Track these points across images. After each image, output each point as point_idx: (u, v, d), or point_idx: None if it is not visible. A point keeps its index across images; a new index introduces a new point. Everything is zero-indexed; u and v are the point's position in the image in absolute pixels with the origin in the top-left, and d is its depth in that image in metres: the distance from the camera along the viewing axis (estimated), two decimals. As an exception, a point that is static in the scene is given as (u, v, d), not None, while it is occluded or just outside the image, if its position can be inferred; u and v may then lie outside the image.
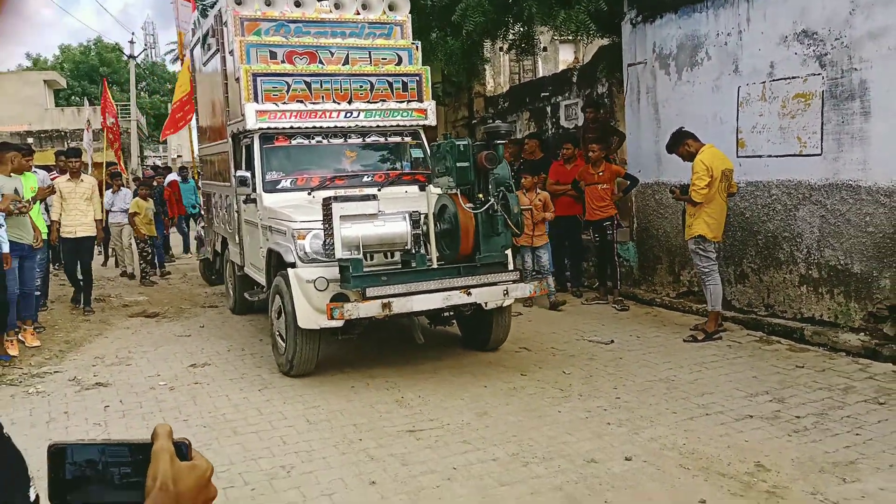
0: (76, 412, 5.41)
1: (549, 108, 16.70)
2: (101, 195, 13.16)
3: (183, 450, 0.99)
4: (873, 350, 5.97)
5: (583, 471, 4.07)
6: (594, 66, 11.35)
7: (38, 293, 7.98)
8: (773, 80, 6.93)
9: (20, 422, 5.17)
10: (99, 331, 8.18)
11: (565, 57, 25.14)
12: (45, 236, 8.01)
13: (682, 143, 6.84)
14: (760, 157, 7.13)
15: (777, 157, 6.94)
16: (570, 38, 14.00)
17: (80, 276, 9.15)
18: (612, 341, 6.84)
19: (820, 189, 6.54)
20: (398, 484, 4.00)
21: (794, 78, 6.72)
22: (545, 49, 22.14)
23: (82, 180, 9.00)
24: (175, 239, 15.68)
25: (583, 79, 11.83)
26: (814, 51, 6.50)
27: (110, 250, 13.48)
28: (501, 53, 16.68)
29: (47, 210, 9.33)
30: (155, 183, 14.14)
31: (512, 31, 12.06)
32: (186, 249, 15.69)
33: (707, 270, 6.76)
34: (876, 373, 5.58)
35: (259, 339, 7.42)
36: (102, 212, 9.78)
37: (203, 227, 10.50)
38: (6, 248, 6.72)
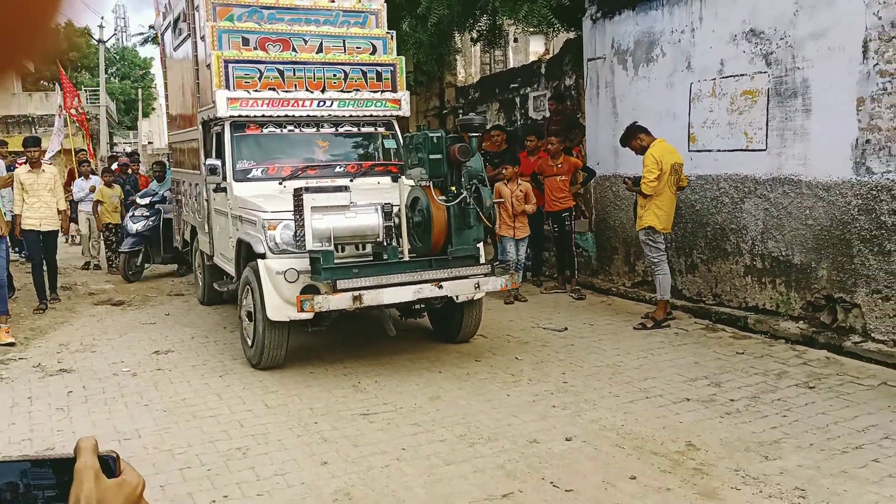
0: (39, 397, 5.52)
1: (518, 100, 16.93)
2: (70, 182, 13.14)
3: (111, 465, 0.89)
4: (810, 337, 6.27)
5: (525, 450, 4.30)
6: (561, 58, 11.56)
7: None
8: (723, 78, 7.19)
9: (-17, 407, 5.28)
10: (64, 318, 8.26)
11: (536, 48, 25.29)
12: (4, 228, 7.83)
13: (635, 138, 7.08)
14: (710, 151, 7.39)
15: (725, 151, 7.21)
16: (536, 31, 14.17)
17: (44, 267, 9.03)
18: (566, 329, 7.08)
19: (764, 183, 6.82)
20: (348, 464, 4.19)
21: (742, 75, 6.98)
22: (516, 40, 22.33)
23: (43, 170, 8.68)
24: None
25: (551, 71, 12.01)
26: (761, 49, 6.76)
27: (77, 238, 13.41)
28: (472, 44, 16.84)
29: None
30: (130, 171, 13.85)
31: (479, 24, 12.23)
32: None
33: (656, 261, 7.02)
34: (810, 359, 5.88)
35: (223, 328, 7.56)
36: (67, 202, 9.61)
37: (132, 217, 10.29)
38: None
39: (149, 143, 56.91)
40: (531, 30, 14.25)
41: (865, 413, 4.69)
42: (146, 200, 10.46)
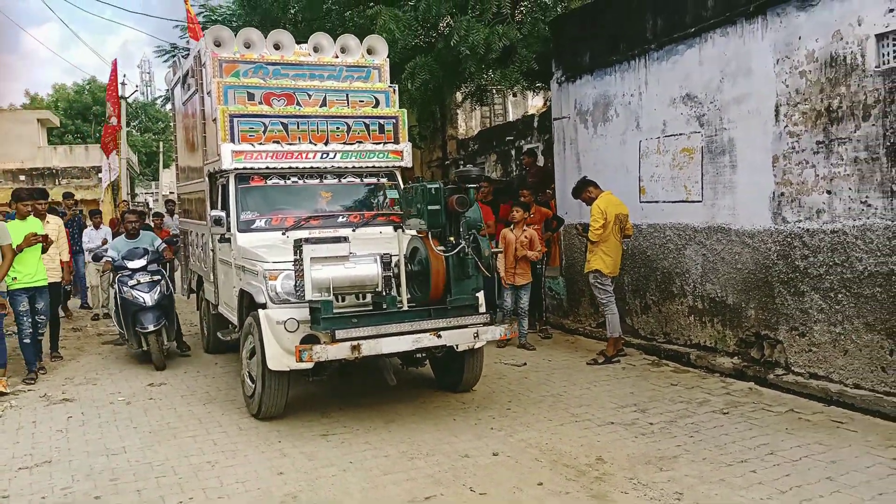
0: (42, 421, 6.24)
1: (513, 151, 17.83)
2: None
3: None
4: (741, 371, 6.88)
5: (455, 463, 4.94)
6: (549, 114, 12.41)
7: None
8: (666, 136, 7.94)
9: (-7, 429, 6.00)
10: (72, 356, 9.00)
11: (535, 102, 26.22)
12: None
13: (584, 190, 7.82)
14: (657, 202, 8.10)
15: (669, 202, 7.92)
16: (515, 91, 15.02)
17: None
18: (525, 364, 7.73)
19: (702, 231, 7.50)
20: (301, 474, 4.85)
21: (680, 134, 7.72)
22: (515, 94, 23.32)
23: (48, 222, 8.60)
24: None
25: (542, 124, 12.80)
26: (695, 112, 7.52)
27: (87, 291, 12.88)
28: (460, 103, 17.81)
29: None
30: (152, 223, 13.00)
31: (465, 86, 13.13)
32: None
33: (605, 301, 7.69)
34: (734, 390, 6.49)
35: (215, 363, 8.26)
36: (69, 254, 9.30)
37: (135, 286, 8.28)
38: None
39: (170, 192, 58.51)
40: (512, 90, 15.09)
41: (763, 434, 5.29)
42: (139, 263, 8.39)
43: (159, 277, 8.42)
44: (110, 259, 8.55)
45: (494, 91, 16.20)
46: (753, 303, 6.92)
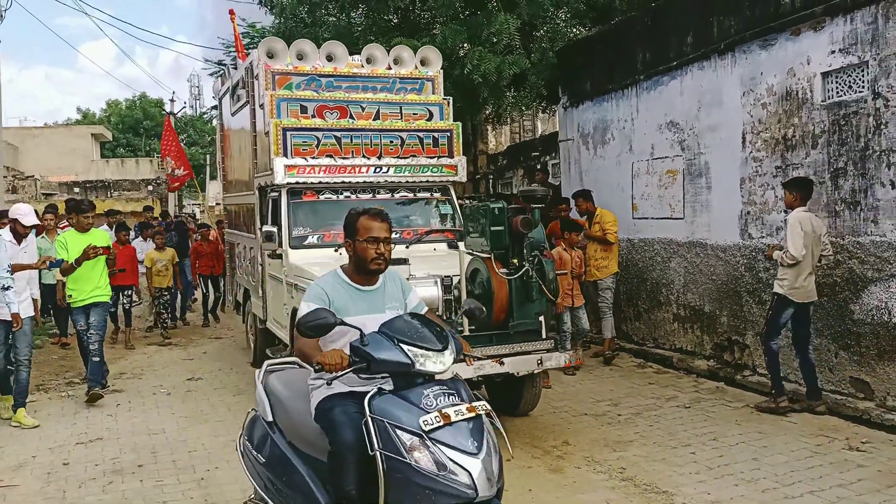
0: (96, 407, 7.23)
1: (538, 166, 18.64)
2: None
3: None
4: (714, 372, 7.59)
5: (440, 444, 5.77)
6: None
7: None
8: (654, 159, 8.69)
9: (55, 414, 7.01)
10: (121, 355, 10.05)
11: (563, 118, 26.62)
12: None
13: (580, 200, 8.63)
14: (647, 219, 8.85)
15: (657, 219, 8.66)
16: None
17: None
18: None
19: (683, 245, 8.23)
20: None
21: (666, 157, 8.47)
22: (543, 111, 24.17)
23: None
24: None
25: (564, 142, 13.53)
26: (677, 137, 8.26)
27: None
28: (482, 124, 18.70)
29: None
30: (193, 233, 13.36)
31: (484, 108, 13.99)
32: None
33: (611, 304, 8.46)
34: (703, 388, 7.21)
35: (247, 362, 9.21)
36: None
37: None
38: (15, 309, 6.34)
39: (216, 203, 60.47)
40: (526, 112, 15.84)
41: (713, 425, 6.02)
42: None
43: None
44: None
45: (514, 112, 17.02)
46: (726, 310, 7.62)
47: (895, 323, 5.81)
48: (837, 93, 6.33)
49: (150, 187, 41.11)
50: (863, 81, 6.07)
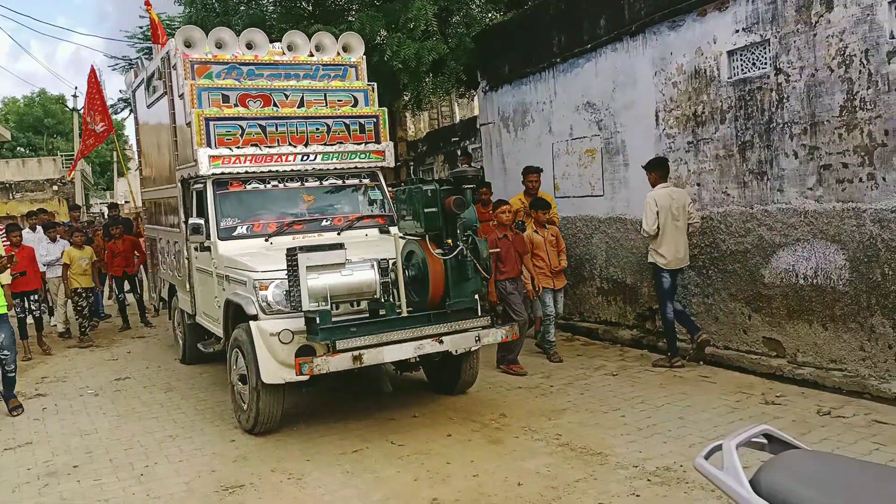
0: (21, 413, 7.00)
1: (458, 152, 18.82)
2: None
3: None
4: (638, 341, 7.93)
5: (381, 425, 5.86)
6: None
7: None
8: (573, 139, 8.96)
9: (-25, 421, 6.75)
10: (42, 360, 9.69)
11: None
12: None
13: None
14: (569, 197, 9.12)
15: (578, 197, 8.94)
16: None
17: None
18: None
19: (604, 221, 8.53)
20: (249, 439, 5.74)
21: (584, 137, 8.75)
22: (462, 96, 24.38)
23: None
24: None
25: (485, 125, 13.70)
26: (594, 117, 8.54)
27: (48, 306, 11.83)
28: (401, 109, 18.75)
29: None
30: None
31: (404, 95, 14.05)
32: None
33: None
34: (628, 356, 7.54)
35: (174, 359, 9.04)
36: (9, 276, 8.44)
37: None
38: None
39: (125, 202, 58.42)
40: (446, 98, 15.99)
41: (640, 390, 6.32)
42: None
43: None
44: None
45: (434, 98, 17.16)
46: (646, 282, 7.96)
47: (801, 284, 6.22)
48: (742, 70, 6.69)
49: (55, 187, 39.49)
50: (765, 58, 6.44)
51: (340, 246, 5.31)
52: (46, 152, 49.71)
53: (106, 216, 16.25)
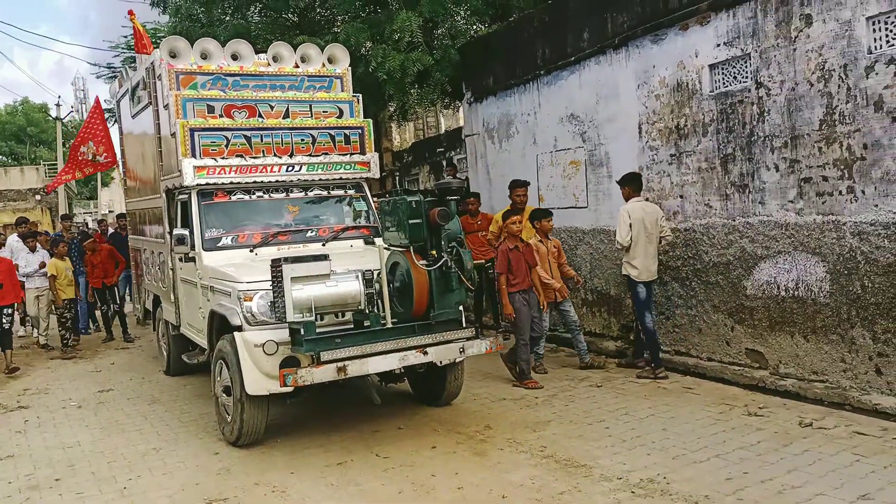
0: (2, 426, 6.93)
1: (444, 162, 18.88)
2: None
3: None
4: (622, 352, 7.96)
5: (366, 437, 5.85)
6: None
7: None
8: (557, 151, 9.02)
9: (-45, 434, 6.68)
10: (23, 371, 9.61)
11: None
12: None
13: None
14: (553, 208, 9.15)
15: (563, 208, 8.99)
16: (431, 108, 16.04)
17: None
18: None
19: (589, 233, 8.59)
20: (232, 451, 5.71)
21: (568, 149, 8.81)
22: (447, 107, 24.48)
23: None
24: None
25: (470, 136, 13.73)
26: (578, 129, 8.61)
27: (27, 318, 12.12)
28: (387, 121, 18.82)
29: None
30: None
31: (389, 105, 14.10)
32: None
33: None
34: (612, 367, 7.56)
35: (158, 370, 9.00)
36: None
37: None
38: None
39: (109, 211, 58.05)
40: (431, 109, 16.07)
41: (624, 401, 6.35)
42: None
43: None
44: None
45: (419, 109, 17.22)
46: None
47: (783, 296, 6.29)
48: (724, 83, 6.77)
49: (38, 196, 39.16)
50: (746, 72, 6.52)
51: (325, 257, 5.35)
52: (29, 161, 49.36)
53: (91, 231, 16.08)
